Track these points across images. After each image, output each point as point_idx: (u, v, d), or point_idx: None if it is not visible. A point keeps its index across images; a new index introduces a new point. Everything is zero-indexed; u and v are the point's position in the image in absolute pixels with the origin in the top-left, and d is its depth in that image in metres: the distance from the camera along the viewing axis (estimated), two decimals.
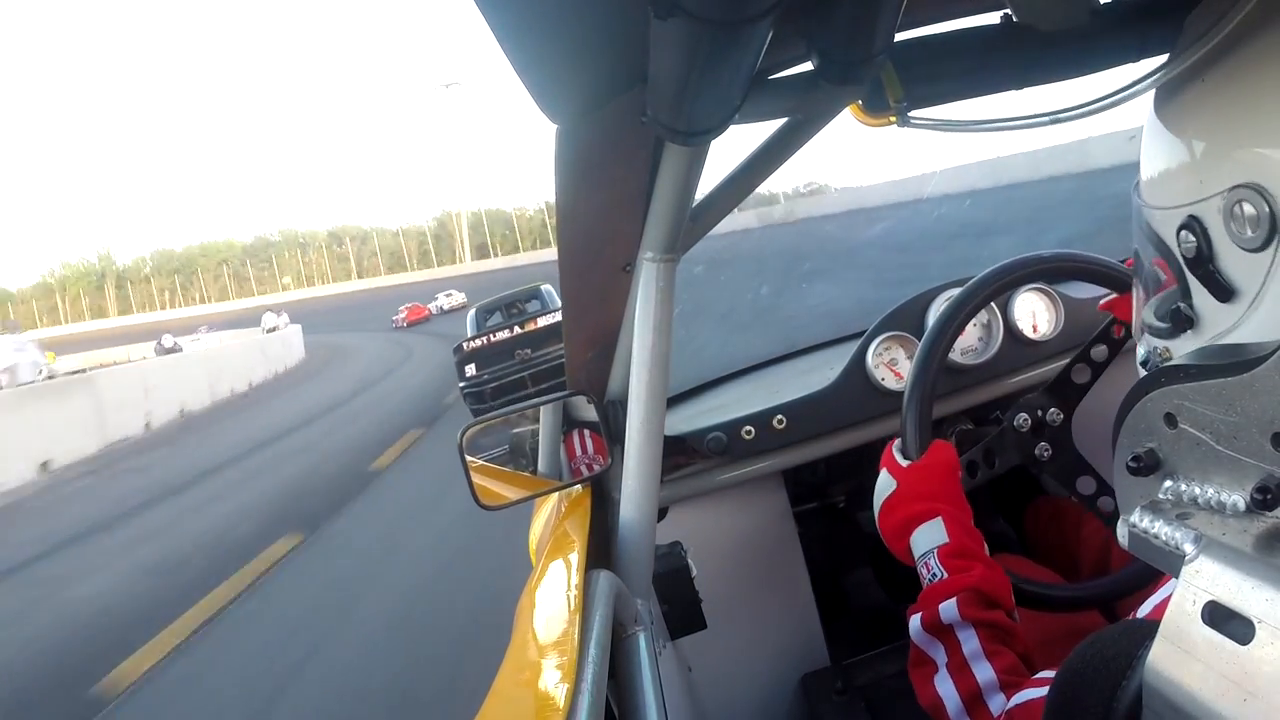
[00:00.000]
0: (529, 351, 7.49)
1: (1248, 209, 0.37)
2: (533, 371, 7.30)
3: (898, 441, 0.90)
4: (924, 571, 0.79)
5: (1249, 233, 0.37)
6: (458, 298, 34.80)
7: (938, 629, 0.74)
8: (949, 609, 0.73)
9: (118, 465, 10.14)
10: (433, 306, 34.38)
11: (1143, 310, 0.49)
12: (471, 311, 9.23)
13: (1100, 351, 0.94)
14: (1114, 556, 1.02)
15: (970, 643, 0.71)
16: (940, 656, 0.72)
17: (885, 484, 0.88)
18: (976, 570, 0.75)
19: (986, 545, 0.82)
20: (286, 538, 5.28)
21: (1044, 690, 0.54)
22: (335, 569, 4.70)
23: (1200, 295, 0.42)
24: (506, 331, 7.75)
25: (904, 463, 0.87)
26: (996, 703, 0.67)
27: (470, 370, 7.71)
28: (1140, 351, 0.50)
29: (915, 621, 0.76)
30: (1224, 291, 0.40)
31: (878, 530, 0.89)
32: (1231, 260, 0.39)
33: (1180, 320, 0.43)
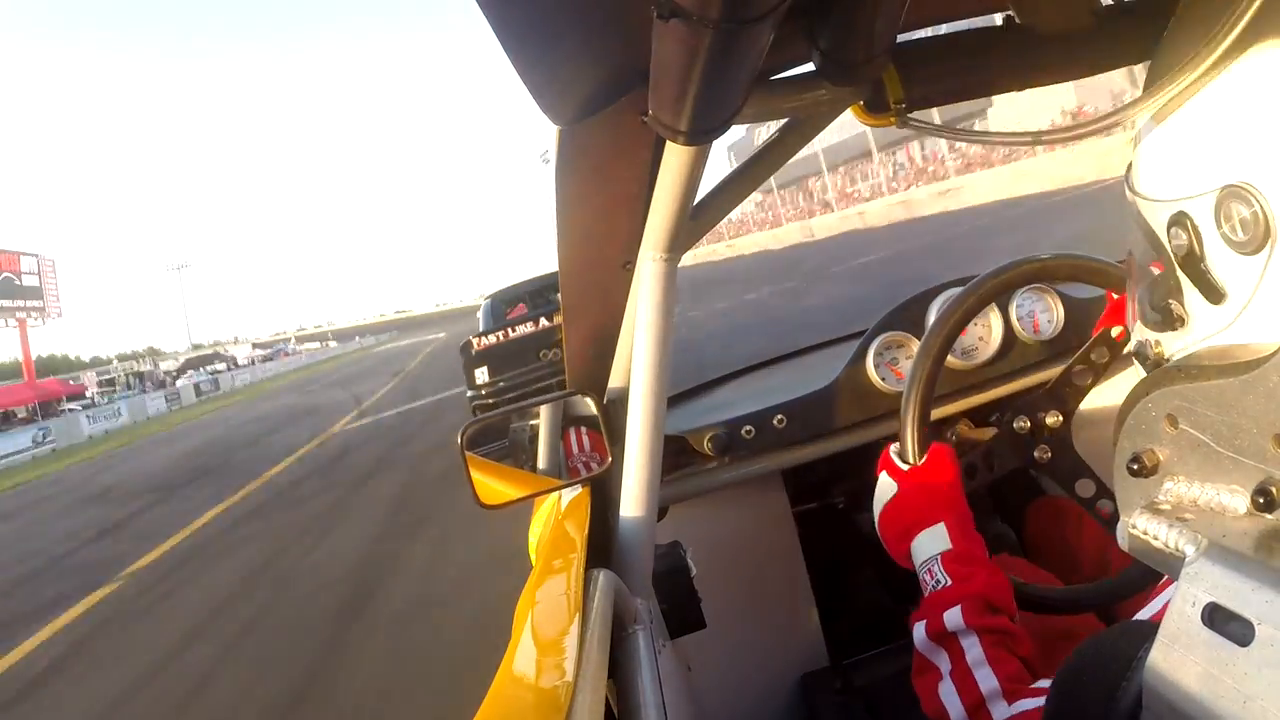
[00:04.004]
0: (559, 351, 5.71)
1: (1240, 210, 0.36)
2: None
3: (895, 445, 0.89)
4: (927, 578, 0.79)
5: (1241, 235, 0.36)
6: None
7: (942, 637, 0.73)
8: (954, 617, 0.73)
9: None
10: None
11: (1137, 298, 0.48)
12: (486, 302, 7.25)
13: (1101, 354, 0.94)
14: (1114, 558, 1.01)
15: (974, 650, 0.71)
16: (944, 664, 0.72)
17: (885, 488, 0.88)
18: (980, 577, 0.75)
19: (986, 548, 0.82)
20: None
21: (1041, 701, 0.55)
22: None
23: (1191, 294, 0.41)
24: (529, 325, 5.84)
25: (903, 467, 0.87)
26: (999, 711, 0.66)
27: (482, 375, 5.97)
28: (1133, 342, 0.48)
29: (920, 629, 0.76)
30: (1214, 293, 0.38)
31: (877, 534, 0.89)
32: (1223, 262, 0.38)
33: (1171, 317, 0.42)
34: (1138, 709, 0.36)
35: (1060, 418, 0.94)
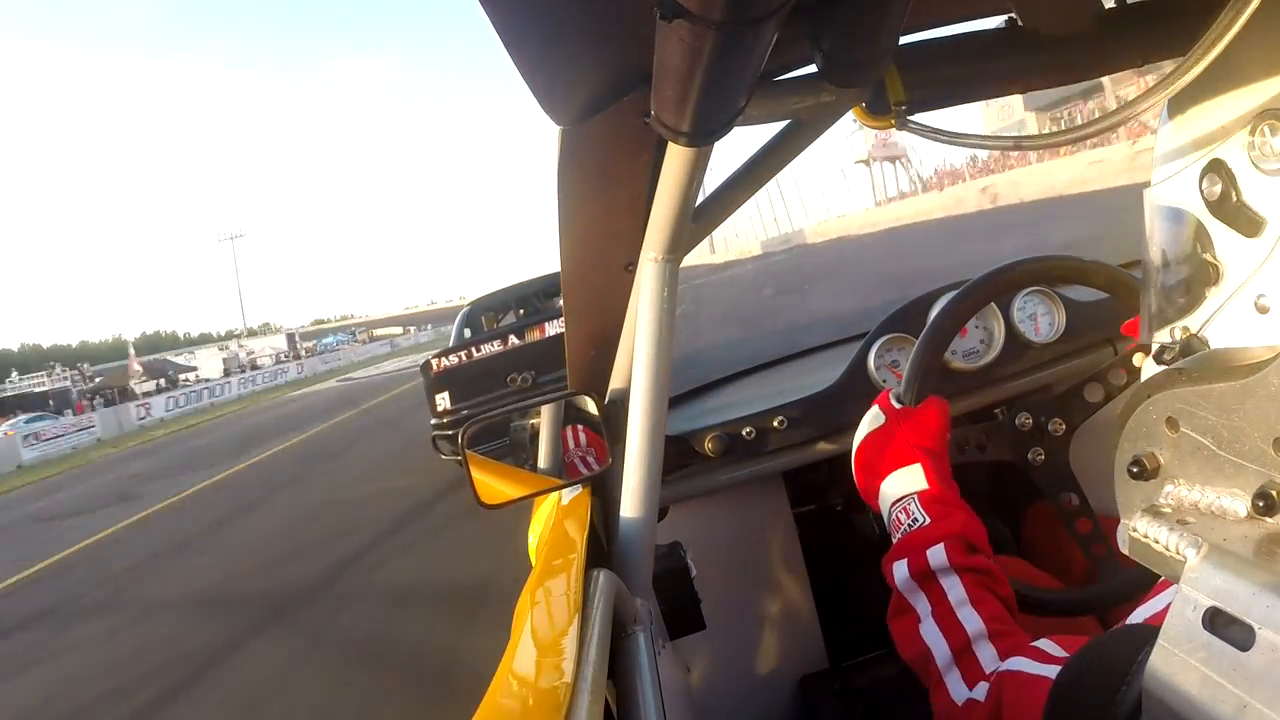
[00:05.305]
0: (530, 375, 4.93)
1: (1274, 136, 0.38)
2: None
3: (895, 388, 0.90)
4: (901, 517, 0.78)
5: (1274, 159, 0.38)
6: None
7: (924, 576, 0.72)
8: (937, 555, 0.72)
9: None
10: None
11: (1155, 296, 0.49)
12: (465, 309, 6.31)
13: (1118, 375, 0.94)
14: (1095, 577, 1.01)
15: (955, 590, 0.70)
16: (924, 606, 0.71)
17: (873, 418, 0.87)
18: (959, 516, 0.74)
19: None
20: None
21: (1038, 666, 0.54)
22: None
23: (1224, 240, 0.42)
24: (495, 344, 5.06)
25: (896, 405, 0.86)
26: (986, 653, 0.65)
27: (443, 401, 5.15)
28: (1155, 345, 0.49)
29: (902, 568, 0.74)
30: (1252, 225, 0.40)
31: (851, 465, 0.88)
32: (1257, 188, 0.40)
33: (1204, 275, 0.43)
34: (1137, 713, 0.36)
35: (1063, 426, 0.93)
